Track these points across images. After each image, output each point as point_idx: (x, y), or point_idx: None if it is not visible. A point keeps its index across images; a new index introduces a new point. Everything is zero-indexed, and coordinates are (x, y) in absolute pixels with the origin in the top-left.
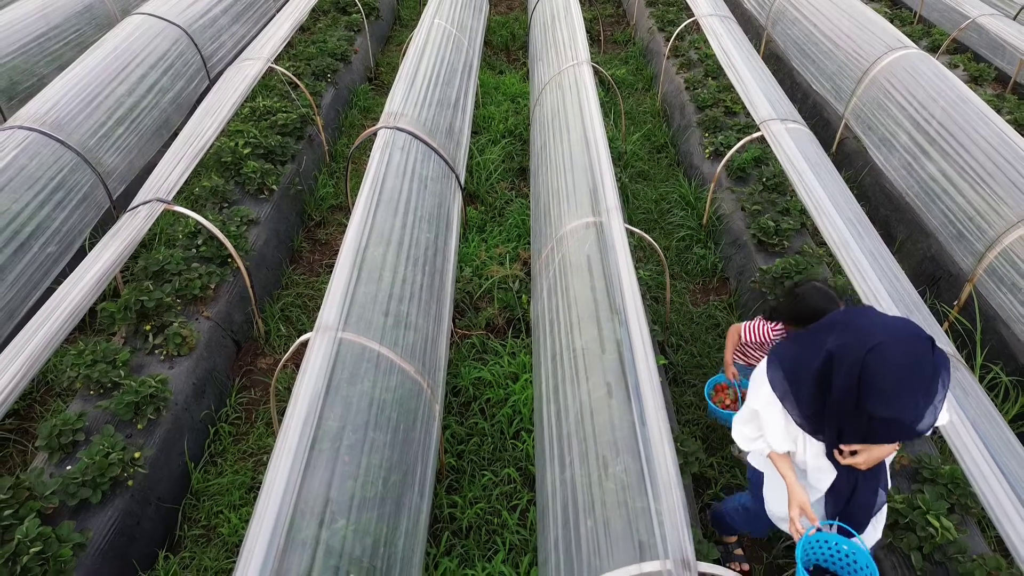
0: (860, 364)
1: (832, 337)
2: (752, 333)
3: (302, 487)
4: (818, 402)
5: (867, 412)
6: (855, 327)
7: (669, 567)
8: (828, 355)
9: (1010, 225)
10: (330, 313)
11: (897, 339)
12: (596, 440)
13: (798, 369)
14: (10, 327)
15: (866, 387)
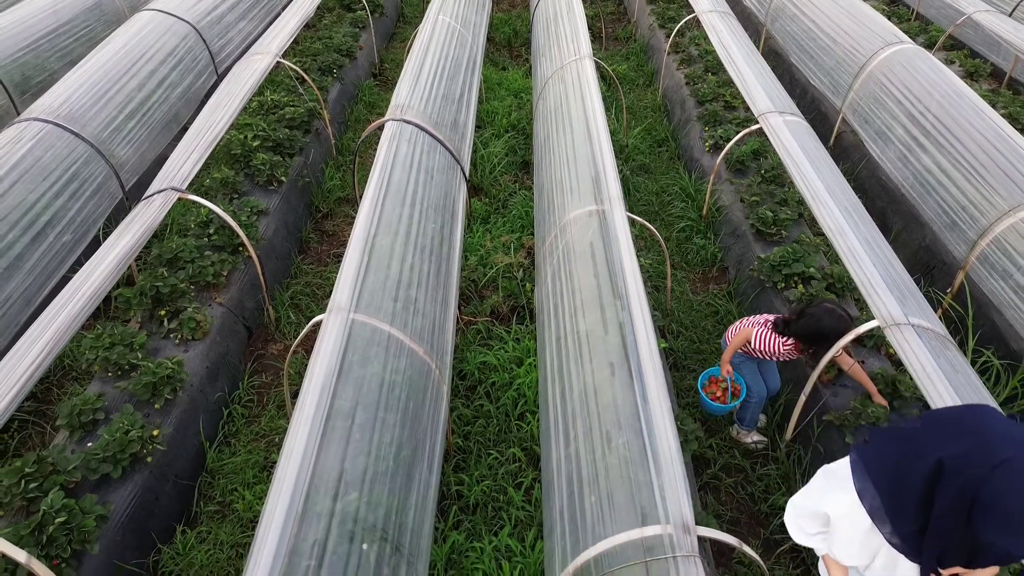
0: (980, 481)
1: (945, 443)
2: (762, 343)
3: (317, 459)
4: (921, 519)
5: (978, 536)
6: (976, 434)
7: (670, 531)
8: (938, 465)
9: (1002, 214)
10: (342, 295)
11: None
12: (600, 417)
13: (898, 480)
14: (27, 312)
15: (984, 509)
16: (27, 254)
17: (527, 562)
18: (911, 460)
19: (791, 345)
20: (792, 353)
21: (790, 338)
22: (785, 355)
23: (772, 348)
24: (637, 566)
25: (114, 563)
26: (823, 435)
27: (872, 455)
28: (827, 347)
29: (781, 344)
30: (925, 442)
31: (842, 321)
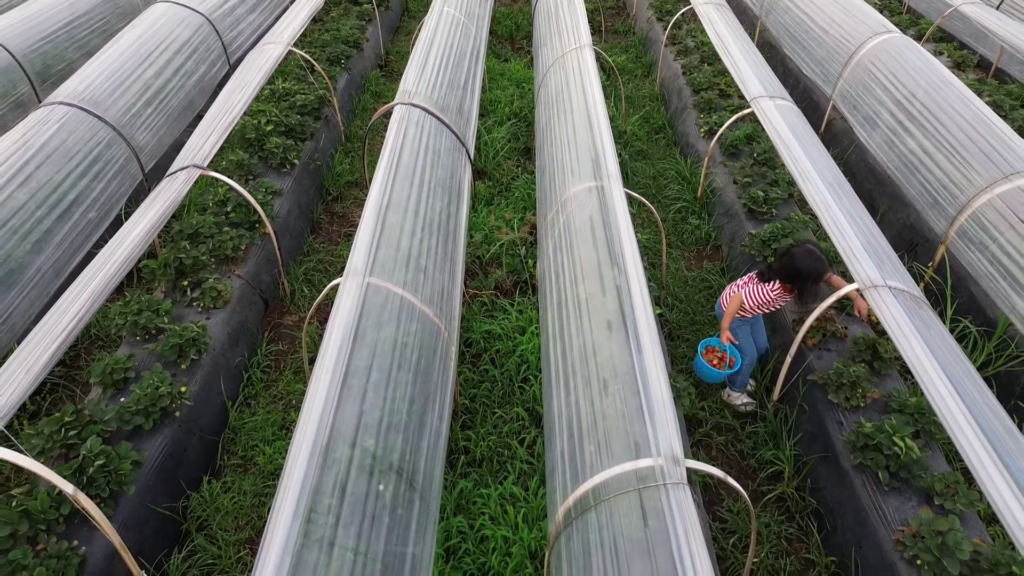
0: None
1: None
2: (755, 297)
3: (338, 407)
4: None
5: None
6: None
7: (661, 463)
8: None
9: (979, 190)
10: (358, 260)
11: None
12: (597, 369)
13: None
14: (57, 284)
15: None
16: (55, 229)
17: (530, 507)
18: None
19: (779, 289)
20: (783, 297)
21: (775, 282)
22: (777, 301)
23: (763, 298)
24: (631, 493)
25: (147, 506)
26: (808, 395)
27: None
28: (808, 286)
29: (769, 291)
30: None
31: (816, 258)
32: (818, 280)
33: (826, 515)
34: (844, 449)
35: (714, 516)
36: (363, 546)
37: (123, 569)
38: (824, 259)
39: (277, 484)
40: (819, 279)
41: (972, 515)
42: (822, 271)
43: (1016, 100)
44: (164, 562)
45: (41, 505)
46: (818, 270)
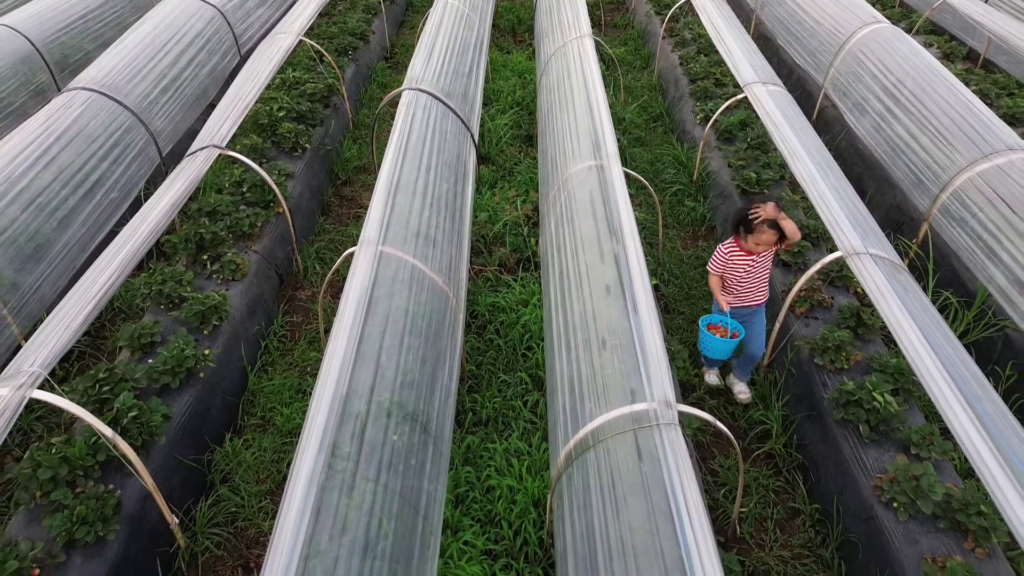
0: None
1: None
2: (715, 261)
3: (358, 352)
4: None
5: None
6: None
7: (655, 406)
8: None
9: (960, 169)
10: (372, 230)
11: None
12: (596, 329)
13: None
14: (82, 258)
15: None
16: (80, 207)
17: (533, 460)
18: None
19: (729, 243)
20: (736, 254)
21: (734, 238)
22: (733, 258)
23: (721, 258)
24: (627, 433)
25: (175, 457)
26: (795, 359)
27: None
28: (746, 227)
29: (721, 248)
30: None
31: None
32: (746, 216)
33: (811, 468)
34: (828, 407)
35: (706, 471)
36: (383, 479)
37: (155, 512)
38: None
39: (297, 438)
40: (747, 215)
41: (947, 465)
42: (747, 207)
43: (1002, 89)
44: (192, 508)
45: (79, 452)
46: (744, 208)
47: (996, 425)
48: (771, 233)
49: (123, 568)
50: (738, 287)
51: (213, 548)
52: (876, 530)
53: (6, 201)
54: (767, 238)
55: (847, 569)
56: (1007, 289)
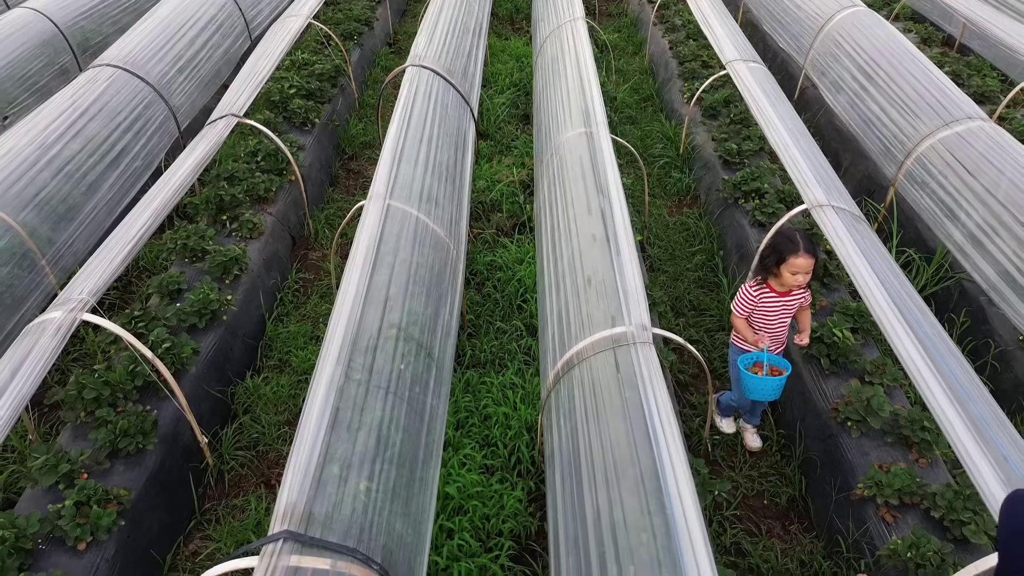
0: None
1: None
2: (739, 302)
3: (368, 287)
4: None
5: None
6: None
7: (632, 329)
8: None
9: (923, 136)
10: (380, 185)
11: None
12: (583, 270)
13: None
14: (110, 221)
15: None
16: (106, 174)
17: (526, 392)
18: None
19: (756, 284)
20: (765, 293)
21: (761, 277)
22: (760, 300)
23: (745, 297)
24: (607, 352)
25: (203, 387)
26: None
27: None
28: (772, 266)
29: (747, 288)
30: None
31: (787, 236)
32: (781, 259)
33: (778, 401)
34: (793, 345)
35: (685, 403)
36: (392, 388)
37: (187, 433)
38: (796, 240)
39: (312, 377)
40: (782, 259)
41: (899, 392)
42: (785, 250)
43: (974, 70)
44: (218, 433)
45: (119, 377)
46: (782, 246)
47: (933, 343)
48: (807, 258)
49: (159, 478)
50: (766, 331)
51: (238, 467)
52: (833, 447)
53: (39, 167)
54: (803, 263)
55: (807, 483)
56: (963, 245)
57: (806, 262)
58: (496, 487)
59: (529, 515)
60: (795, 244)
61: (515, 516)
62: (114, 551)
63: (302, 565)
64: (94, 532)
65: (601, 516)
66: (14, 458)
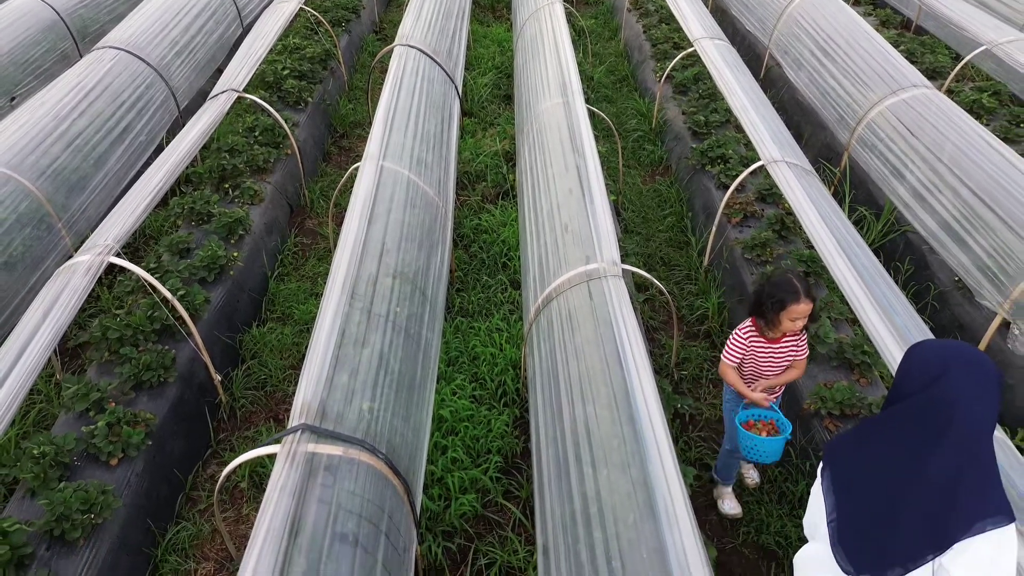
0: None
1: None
2: (731, 347)
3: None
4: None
5: None
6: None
7: (604, 265)
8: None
9: (873, 104)
10: (374, 147)
11: None
12: (560, 219)
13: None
14: (119, 190)
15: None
16: (112, 149)
17: (511, 334)
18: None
19: (748, 326)
20: (756, 339)
21: (752, 320)
22: (751, 344)
23: (737, 342)
24: (582, 285)
25: (215, 333)
26: (729, 258)
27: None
28: (769, 313)
29: (739, 331)
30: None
31: (785, 283)
32: (782, 307)
33: None
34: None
35: (655, 344)
36: (391, 316)
37: (201, 372)
38: (796, 287)
39: (313, 327)
40: (783, 307)
41: (845, 325)
42: (787, 298)
43: (927, 49)
44: (229, 374)
45: (139, 320)
46: (782, 294)
47: (869, 273)
48: (808, 303)
49: (179, 409)
50: (748, 372)
51: (248, 404)
52: None
53: (51, 140)
54: (804, 309)
55: None
56: (908, 201)
57: (807, 307)
58: (485, 413)
59: (514, 438)
60: (796, 292)
61: (502, 437)
62: (142, 467)
63: (318, 451)
64: (125, 449)
65: (577, 422)
66: (41, 399)
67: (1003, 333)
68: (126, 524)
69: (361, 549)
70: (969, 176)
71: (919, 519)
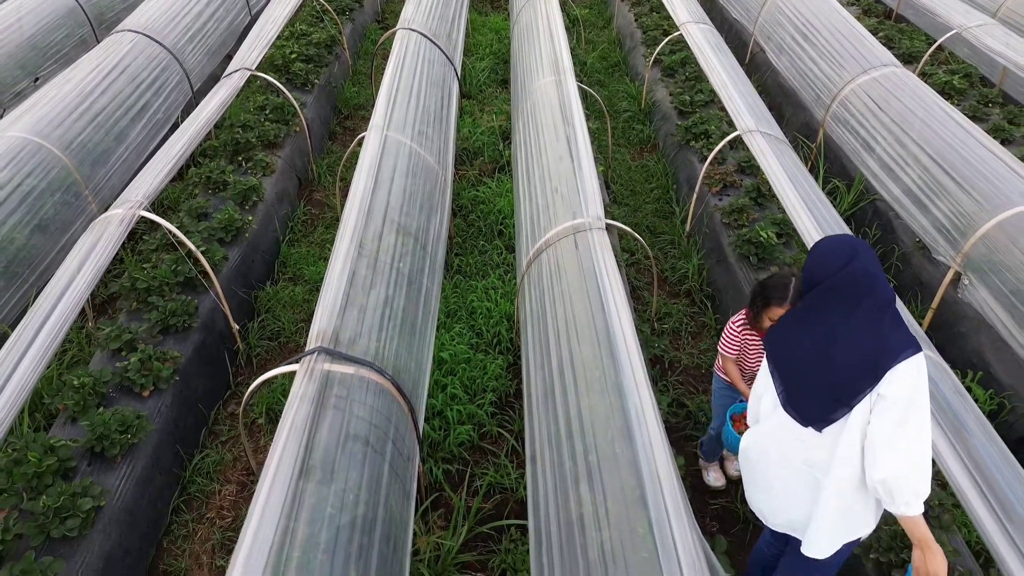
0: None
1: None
2: (725, 339)
3: (374, 193)
4: None
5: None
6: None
7: (589, 220)
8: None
9: (846, 82)
10: (379, 118)
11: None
12: (550, 181)
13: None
14: (139, 162)
15: None
16: (133, 125)
17: (505, 291)
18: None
19: (740, 319)
20: (748, 331)
21: (746, 310)
22: (743, 336)
23: (730, 334)
24: (569, 237)
25: (232, 288)
26: (709, 223)
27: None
28: (759, 306)
29: (731, 324)
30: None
31: (778, 282)
32: (767, 304)
33: (716, 296)
34: (730, 250)
35: (638, 302)
36: (395, 265)
37: (221, 321)
38: (787, 291)
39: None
40: (767, 304)
41: None
42: (772, 296)
43: (905, 35)
44: (245, 326)
45: (165, 273)
46: (771, 291)
47: (829, 226)
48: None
49: (201, 352)
50: (743, 363)
51: (263, 353)
52: None
53: (75, 116)
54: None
55: None
56: (877, 172)
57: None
58: (481, 358)
59: (508, 380)
60: (784, 296)
61: (497, 379)
62: (171, 400)
63: (332, 370)
64: (156, 383)
65: (563, 355)
66: (74, 347)
67: (956, 286)
68: (158, 447)
69: (371, 449)
70: (930, 145)
71: (855, 363)
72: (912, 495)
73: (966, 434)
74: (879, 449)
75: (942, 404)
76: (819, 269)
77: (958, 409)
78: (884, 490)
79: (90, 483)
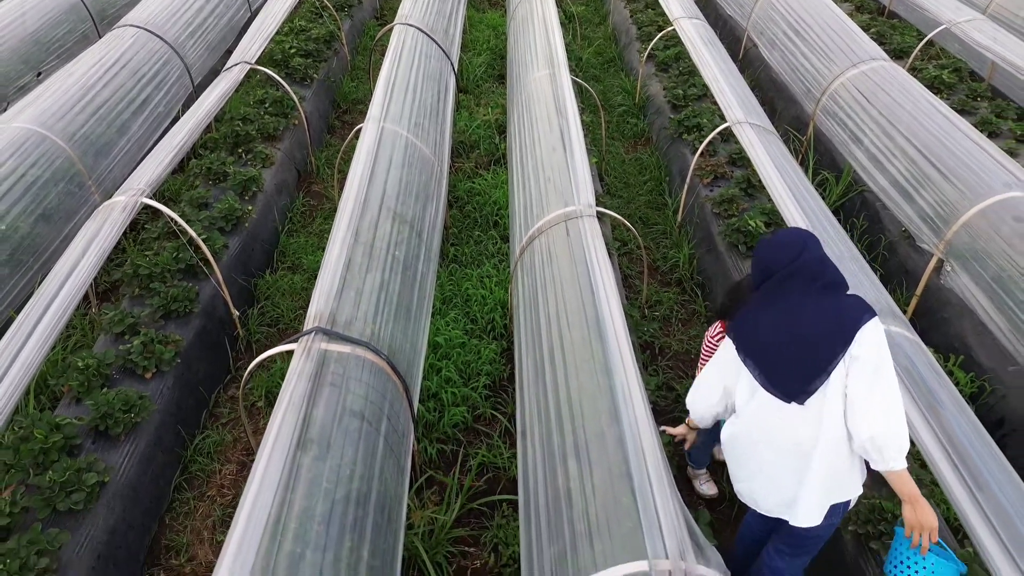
0: None
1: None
2: (703, 351)
3: (371, 184)
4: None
5: None
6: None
7: (581, 208)
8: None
9: (835, 76)
10: (376, 110)
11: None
12: (544, 171)
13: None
14: (141, 155)
15: None
16: (135, 117)
17: (499, 279)
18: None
19: (717, 328)
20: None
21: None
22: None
23: (709, 345)
24: (560, 224)
25: (232, 276)
26: (700, 213)
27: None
28: (730, 304)
29: (710, 334)
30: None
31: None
32: (736, 298)
33: (707, 284)
34: (719, 239)
35: (630, 291)
36: (391, 252)
37: (221, 308)
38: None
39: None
40: (735, 298)
41: None
42: (745, 297)
43: (897, 31)
44: (245, 313)
45: (166, 260)
46: (743, 293)
47: (816, 216)
48: None
49: (202, 337)
50: None
51: (263, 339)
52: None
53: (78, 108)
54: None
55: None
56: (865, 163)
57: None
58: (475, 343)
59: (501, 365)
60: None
61: (490, 363)
62: (172, 382)
63: (330, 349)
64: (158, 365)
65: (553, 335)
66: (77, 333)
67: (939, 274)
68: (160, 427)
69: (367, 423)
70: (916, 137)
71: (826, 331)
72: (897, 451)
73: (940, 408)
74: (862, 407)
75: (917, 380)
76: (774, 261)
77: (932, 385)
78: (872, 447)
79: (95, 459)
